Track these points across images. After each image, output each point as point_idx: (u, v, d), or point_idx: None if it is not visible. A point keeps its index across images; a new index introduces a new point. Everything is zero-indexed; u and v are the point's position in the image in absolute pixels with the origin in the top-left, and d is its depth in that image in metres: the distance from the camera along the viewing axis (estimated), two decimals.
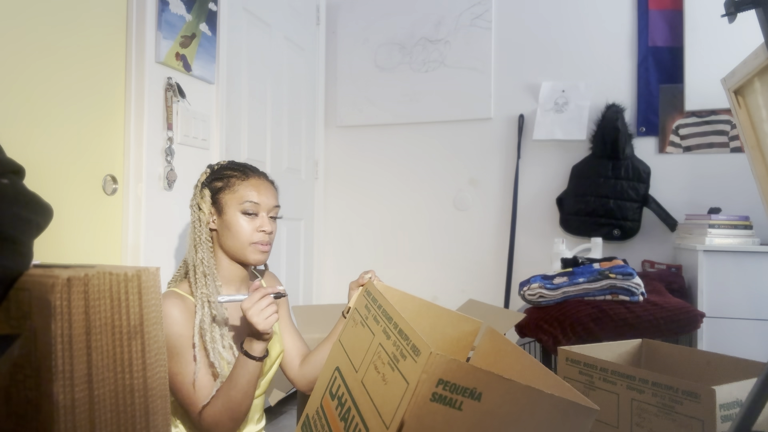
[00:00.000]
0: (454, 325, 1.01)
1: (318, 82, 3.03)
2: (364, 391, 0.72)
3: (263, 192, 1.23)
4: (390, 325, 0.74)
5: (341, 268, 3.07)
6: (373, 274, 1.21)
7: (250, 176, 1.24)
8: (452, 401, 0.61)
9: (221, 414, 1.09)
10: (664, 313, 1.80)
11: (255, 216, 1.22)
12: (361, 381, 0.74)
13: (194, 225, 1.23)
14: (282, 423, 2.36)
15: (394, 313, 0.75)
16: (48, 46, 1.51)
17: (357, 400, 0.73)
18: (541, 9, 2.75)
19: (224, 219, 1.21)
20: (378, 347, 0.74)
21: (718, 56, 2.38)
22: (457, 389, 0.61)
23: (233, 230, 1.20)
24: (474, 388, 0.62)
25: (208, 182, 1.25)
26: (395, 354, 0.68)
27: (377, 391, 0.69)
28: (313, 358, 1.29)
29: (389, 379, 0.67)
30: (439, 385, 0.60)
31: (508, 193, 2.77)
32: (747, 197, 2.35)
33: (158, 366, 0.66)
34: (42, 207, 0.66)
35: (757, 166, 1.05)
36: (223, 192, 1.22)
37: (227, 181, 1.23)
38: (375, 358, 0.74)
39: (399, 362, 0.66)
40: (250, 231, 1.20)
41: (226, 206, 1.21)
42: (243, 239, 1.20)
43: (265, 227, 1.21)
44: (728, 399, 0.93)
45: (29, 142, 1.46)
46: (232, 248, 1.21)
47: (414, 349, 0.64)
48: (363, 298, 0.91)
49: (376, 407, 0.67)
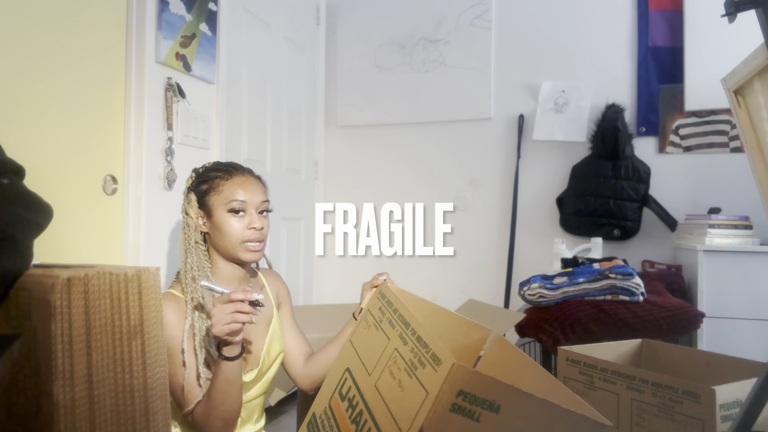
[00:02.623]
0: (464, 331, 1.01)
1: (318, 82, 3.03)
2: (378, 395, 0.72)
3: (248, 189, 1.22)
4: (407, 331, 0.74)
5: (341, 268, 3.07)
6: (388, 276, 1.19)
7: (234, 175, 1.23)
8: (471, 412, 0.61)
9: (208, 415, 1.09)
10: (664, 313, 1.80)
11: (243, 214, 1.21)
12: (375, 385, 0.74)
13: (184, 230, 1.22)
14: (282, 423, 2.36)
15: (411, 319, 0.75)
16: (48, 46, 1.50)
17: (370, 404, 0.73)
18: (541, 9, 2.75)
19: (213, 221, 1.20)
20: (393, 352, 0.74)
21: (718, 56, 2.38)
22: (477, 401, 0.61)
23: (223, 231, 1.19)
24: (493, 400, 0.62)
25: (194, 186, 1.24)
26: (413, 361, 0.68)
27: (393, 398, 0.69)
28: (319, 358, 1.28)
29: (406, 386, 0.67)
30: (459, 396, 0.60)
31: (508, 193, 2.77)
32: (747, 197, 2.34)
33: (158, 366, 0.66)
34: (42, 207, 0.66)
35: (757, 166, 1.05)
36: (209, 194, 1.21)
37: (212, 182, 1.22)
38: (390, 363, 0.73)
39: (417, 370, 0.66)
40: (240, 229, 1.19)
41: (214, 208, 1.20)
42: (233, 239, 1.19)
43: (254, 224, 1.20)
44: (728, 399, 0.93)
45: (29, 142, 1.46)
46: (224, 249, 1.21)
47: (434, 357, 0.64)
48: (377, 300, 0.90)
49: (391, 413, 0.67)
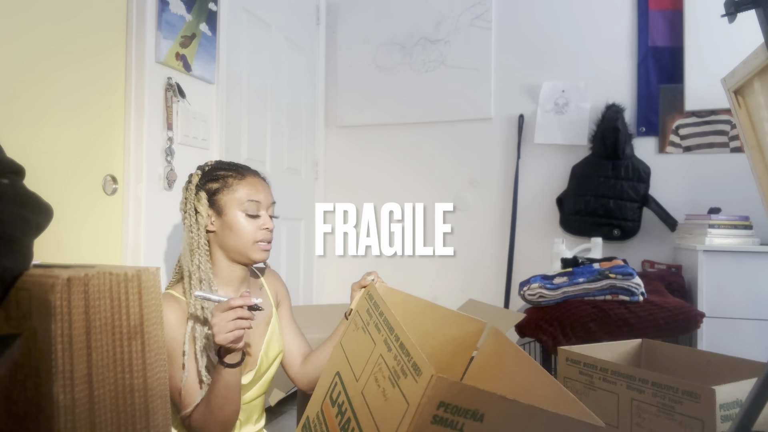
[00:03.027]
0: (458, 325, 1.00)
1: (318, 82, 3.03)
2: (364, 403, 0.72)
3: (261, 190, 1.23)
4: (391, 337, 0.73)
5: (341, 268, 3.07)
6: (376, 275, 1.18)
7: (247, 175, 1.24)
8: (454, 423, 0.60)
9: (206, 419, 1.09)
10: (664, 313, 1.80)
11: (257, 214, 1.21)
12: (362, 392, 0.74)
13: (190, 229, 1.19)
14: (282, 423, 2.36)
15: (395, 324, 0.74)
16: (48, 46, 1.50)
17: (357, 412, 0.73)
18: (541, 9, 2.75)
19: (225, 220, 1.19)
20: (379, 358, 0.74)
21: (718, 56, 2.38)
22: (459, 411, 0.60)
23: (236, 230, 1.19)
24: (476, 409, 0.61)
25: (203, 184, 1.22)
26: (396, 369, 0.68)
27: (377, 407, 0.68)
28: (315, 358, 1.28)
29: (389, 395, 0.66)
30: (440, 407, 0.60)
31: (508, 193, 2.77)
32: (747, 197, 2.34)
33: (158, 366, 0.66)
34: (42, 207, 0.66)
35: (757, 166, 1.05)
36: (220, 193, 1.20)
37: (224, 181, 1.21)
38: (376, 370, 0.73)
39: (399, 379, 0.66)
40: (254, 230, 1.20)
41: (226, 207, 1.19)
42: (247, 239, 1.19)
43: (267, 225, 1.22)
44: (728, 399, 0.93)
45: (29, 142, 1.46)
46: (234, 248, 1.19)
47: (415, 367, 0.63)
48: (365, 301, 0.89)
49: (375, 423, 0.67)
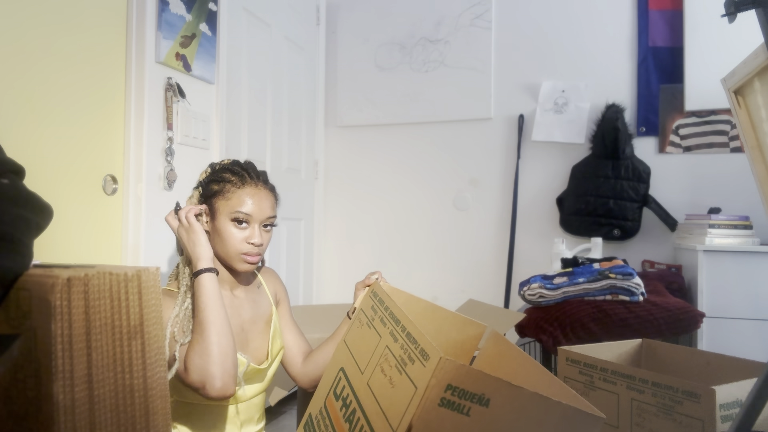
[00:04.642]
0: (459, 328, 1.01)
1: (318, 82, 3.03)
2: (370, 393, 0.72)
3: (257, 202, 1.19)
4: (398, 328, 0.74)
5: (341, 268, 3.07)
6: (380, 275, 1.19)
7: (247, 184, 1.20)
8: (460, 407, 0.61)
9: (201, 349, 1.04)
10: (664, 313, 1.80)
11: (246, 226, 1.18)
12: (367, 383, 0.74)
13: None
14: (282, 423, 2.36)
15: (401, 316, 0.74)
16: (48, 46, 1.51)
17: (362, 402, 0.73)
18: (542, 9, 2.75)
19: (215, 225, 1.19)
20: (385, 350, 0.74)
21: (718, 56, 2.38)
22: (466, 395, 0.61)
23: (222, 237, 1.17)
24: (482, 394, 0.62)
25: (206, 183, 1.22)
26: (403, 357, 0.68)
27: (384, 394, 0.69)
28: (317, 357, 1.28)
29: (396, 382, 0.67)
30: (448, 390, 0.60)
31: (508, 193, 2.77)
32: (747, 197, 2.35)
33: (158, 366, 0.66)
34: (42, 207, 0.66)
35: (757, 166, 1.05)
36: (217, 197, 1.19)
37: (223, 186, 1.19)
38: (382, 361, 0.73)
39: (407, 366, 0.66)
40: (239, 241, 1.17)
41: (218, 212, 1.18)
42: (231, 249, 1.17)
43: (254, 239, 1.17)
44: (728, 399, 0.93)
45: (29, 142, 1.46)
46: (219, 254, 1.20)
47: (423, 353, 0.64)
48: (369, 299, 0.90)
49: (382, 410, 0.67)
